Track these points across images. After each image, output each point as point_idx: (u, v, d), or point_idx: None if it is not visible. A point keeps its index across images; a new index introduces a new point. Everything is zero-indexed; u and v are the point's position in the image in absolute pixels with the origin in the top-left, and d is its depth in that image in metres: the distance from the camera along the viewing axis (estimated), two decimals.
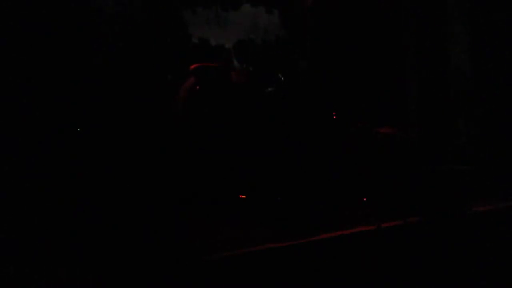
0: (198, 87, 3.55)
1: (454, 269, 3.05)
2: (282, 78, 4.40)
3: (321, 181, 3.72)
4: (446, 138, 5.27)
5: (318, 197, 3.61)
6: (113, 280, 2.17)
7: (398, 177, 3.92)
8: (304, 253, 2.67)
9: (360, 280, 2.75)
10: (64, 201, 3.20)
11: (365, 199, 3.80)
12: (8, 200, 3.13)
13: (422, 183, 3.95)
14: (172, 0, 4.16)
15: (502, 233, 3.50)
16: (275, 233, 2.85)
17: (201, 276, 2.33)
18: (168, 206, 3.27)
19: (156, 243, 2.66)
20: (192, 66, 3.57)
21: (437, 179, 4.10)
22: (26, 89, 3.52)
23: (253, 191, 3.54)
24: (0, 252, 2.49)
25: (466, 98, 5.26)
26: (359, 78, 5.09)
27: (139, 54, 4.01)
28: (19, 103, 3.50)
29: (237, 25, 4.57)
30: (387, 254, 2.94)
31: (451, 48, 5.27)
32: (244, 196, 3.52)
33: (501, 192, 4.33)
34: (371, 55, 5.15)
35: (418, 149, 5.01)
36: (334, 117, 4.15)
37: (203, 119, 3.56)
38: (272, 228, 3.02)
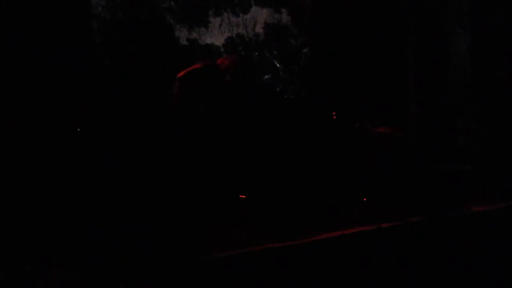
0: (185, 92, 3.60)
1: (454, 269, 3.05)
2: (278, 65, 4.40)
3: (321, 181, 3.72)
4: (446, 138, 5.27)
5: (318, 197, 3.61)
6: (113, 279, 2.16)
7: (398, 177, 3.92)
8: (304, 253, 2.66)
9: (360, 280, 2.75)
10: (64, 200, 3.20)
11: (365, 199, 3.80)
12: (8, 200, 3.13)
13: (422, 183, 3.95)
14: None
15: (502, 233, 3.50)
16: (275, 233, 2.85)
17: (201, 276, 2.33)
18: (168, 206, 3.27)
19: (156, 243, 2.66)
20: (178, 75, 3.63)
21: (437, 179, 4.10)
22: (25, 92, 3.54)
23: (253, 191, 3.54)
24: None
25: (466, 98, 5.26)
26: (358, 77, 5.09)
27: (137, 56, 4.02)
28: (18, 104, 3.51)
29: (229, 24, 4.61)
30: (387, 254, 2.94)
31: (451, 47, 5.27)
32: (244, 196, 3.52)
33: (500, 192, 4.33)
34: (371, 54, 5.15)
35: (418, 149, 5.02)
36: (334, 117, 4.15)
37: (198, 119, 3.58)
38: (272, 227, 3.01)
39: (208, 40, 4.51)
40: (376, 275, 2.80)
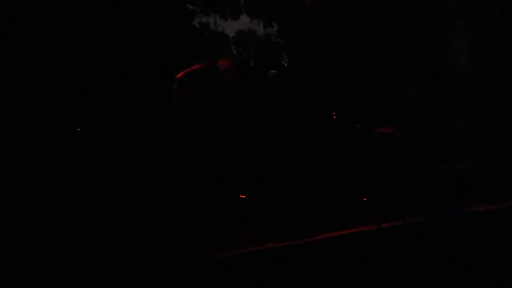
0: (185, 92, 3.61)
1: (454, 269, 3.05)
2: (286, 64, 4.40)
3: (322, 181, 3.72)
4: (446, 138, 5.27)
5: (318, 197, 3.61)
6: (114, 279, 2.16)
7: (398, 177, 3.92)
8: (304, 253, 2.66)
9: (360, 280, 2.75)
10: (64, 200, 3.20)
11: (365, 199, 3.80)
12: (8, 200, 3.13)
13: (422, 183, 3.95)
14: None
15: (502, 233, 3.50)
16: (275, 233, 2.85)
17: (201, 275, 2.33)
18: (168, 206, 3.27)
19: (156, 243, 2.66)
20: (178, 76, 3.65)
21: (437, 179, 4.10)
22: (25, 92, 3.53)
23: (253, 191, 3.54)
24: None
25: (466, 98, 5.26)
26: (359, 78, 5.09)
27: (139, 52, 4.02)
28: (18, 105, 3.51)
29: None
30: (387, 254, 2.94)
31: (451, 48, 5.27)
32: (244, 196, 3.52)
33: (500, 192, 4.33)
34: (371, 55, 5.15)
35: (418, 149, 5.02)
36: (334, 117, 4.15)
37: (198, 119, 3.59)
38: (272, 227, 3.01)
39: (220, 28, 4.46)
40: (376, 275, 2.80)
